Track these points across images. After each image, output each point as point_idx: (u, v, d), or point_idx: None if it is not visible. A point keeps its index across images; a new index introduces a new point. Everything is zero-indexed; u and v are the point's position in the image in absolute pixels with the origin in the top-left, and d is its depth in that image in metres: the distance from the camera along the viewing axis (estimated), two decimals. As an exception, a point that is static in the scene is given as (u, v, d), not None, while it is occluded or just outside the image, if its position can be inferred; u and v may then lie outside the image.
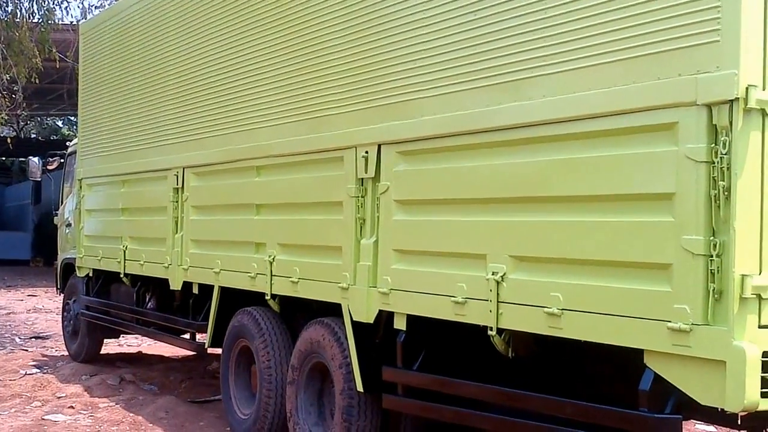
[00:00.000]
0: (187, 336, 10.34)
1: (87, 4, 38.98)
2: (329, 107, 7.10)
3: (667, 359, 4.47)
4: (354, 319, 6.73)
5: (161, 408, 9.84)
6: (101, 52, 11.93)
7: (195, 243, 9.26)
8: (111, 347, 14.06)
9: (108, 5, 21.16)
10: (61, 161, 14.93)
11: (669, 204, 4.45)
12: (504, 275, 5.41)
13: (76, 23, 23.10)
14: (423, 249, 6.18)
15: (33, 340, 15.58)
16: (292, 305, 7.90)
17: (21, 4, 23.00)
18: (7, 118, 27.55)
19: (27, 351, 14.20)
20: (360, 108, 6.76)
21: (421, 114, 6.12)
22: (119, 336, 13.44)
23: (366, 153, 6.64)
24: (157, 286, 10.65)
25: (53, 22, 23.36)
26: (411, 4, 6.24)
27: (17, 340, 15.50)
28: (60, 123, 48.43)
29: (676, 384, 4.47)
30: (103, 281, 12.18)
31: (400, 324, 6.38)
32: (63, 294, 13.88)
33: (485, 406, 5.84)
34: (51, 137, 44.08)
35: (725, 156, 4.22)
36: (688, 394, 4.43)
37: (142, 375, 11.87)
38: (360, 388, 6.71)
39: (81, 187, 12.43)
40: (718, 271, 4.24)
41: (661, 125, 4.51)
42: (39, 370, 12.39)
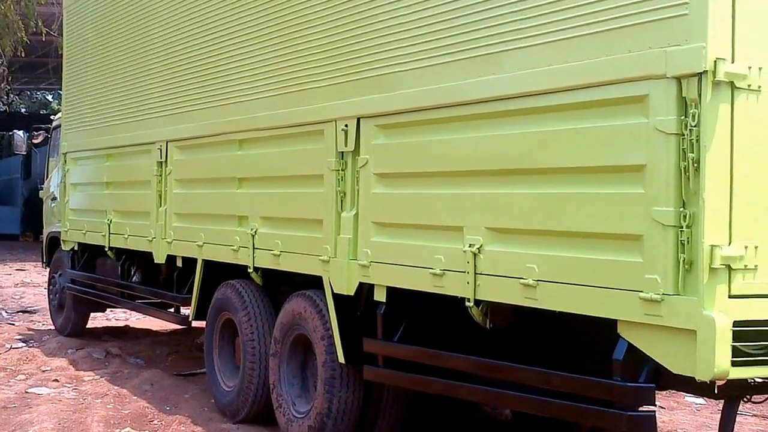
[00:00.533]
0: (172, 309, 10.37)
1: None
2: (310, 81, 7.12)
3: (640, 329, 4.54)
4: (335, 292, 6.78)
5: (146, 381, 9.91)
6: (85, 25, 11.92)
7: (178, 216, 9.30)
8: (98, 321, 14.11)
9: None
10: (47, 135, 14.90)
11: (640, 176, 4.50)
12: (481, 247, 5.47)
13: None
14: (402, 222, 6.23)
15: (20, 314, 15.59)
16: (274, 278, 7.95)
17: (6, -24, 22.91)
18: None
19: (13, 325, 14.23)
20: (339, 82, 6.79)
21: (398, 88, 6.16)
22: (105, 310, 13.49)
23: (345, 126, 6.68)
24: (142, 259, 10.68)
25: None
26: (389, -22, 6.26)
27: (4, 314, 15.52)
28: (50, 97, 48.20)
29: (648, 353, 4.54)
30: (89, 255, 12.21)
31: (380, 296, 6.44)
32: (49, 268, 13.90)
33: (464, 376, 5.91)
34: (40, 111, 43.91)
35: (694, 128, 4.27)
36: (660, 363, 4.50)
37: (128, 349, 11.91)
38: (341, 359, 6.76)
39: (65, 161, 12.45)
40: (688, 242, 4.29)
41: (632, 98, 4.56)
42: (25, 343, 12.42)
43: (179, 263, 9.42)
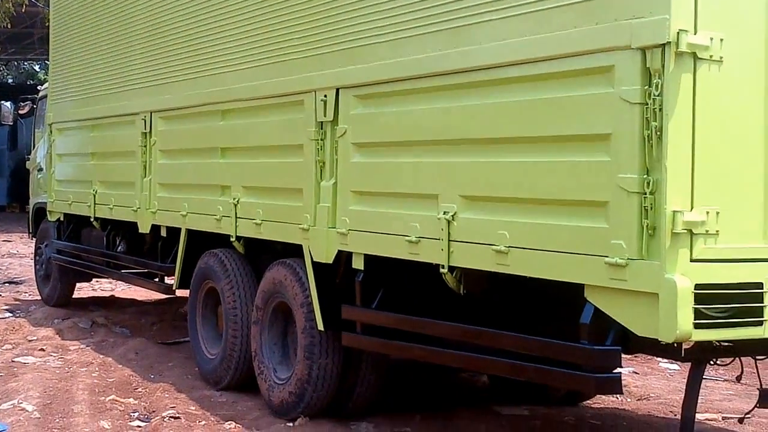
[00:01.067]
0: (157, 279, 10.48)
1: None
2: (290, 52, 7.21)
3: (606, 293, 4.67)
4: (314, 260, 6.89)
5: (131, 349, 10.01)
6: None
7: (163, 186, 9.39)
8: (84, 291, 14.20)
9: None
10: (33, 106, 14.93)
11: (606, 144, 4.62)
12: (455, 215, 5.59)
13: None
14: (379, 190, 6.35)
15: (6, 285, 15.66)
16: (256, 247, 8.06)
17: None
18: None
19: (0, 296, 14.32)
20: (319, 53, 6.88)
21: (375, 59, 6.27)
22: (91, 280, 13.56)
23: (325, 97, 6.78)
24: (127, 229, 10.76)
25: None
26: (365, -49, 6.35)
27: (-10, 285, 15.63)
28: (37, 67, 48.01)
29: (614, 317, 4.67)
30: (74, 225, 12.29)
31: (358, 264, 6.55)
32: (35, 239, 13.99)
33: (438, 341, 6.04)
34: (28, 82, 43.76)
35: (658, 97, 4.38)
36: (625, 326, 4.63)
37: (114, 318, 12.00)
38: (321, 326, 6.88)
39: (51, 132, 12.50)
40: (651, 208, 4.41)
41: (599, 68, 4.68)
42: (11, 314, 12.50)
43: (163, 233, 9.51)
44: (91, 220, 11.16)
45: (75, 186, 11.76)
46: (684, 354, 5.15)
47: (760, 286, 4.55)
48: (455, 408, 7.70)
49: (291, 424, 7.10)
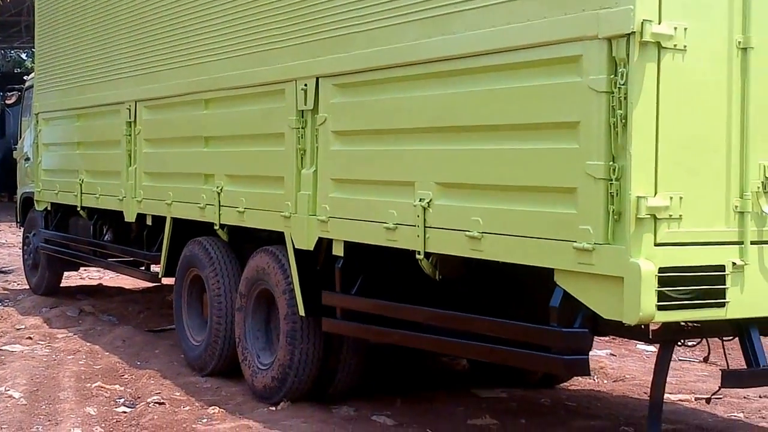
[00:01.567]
0: (143, 267, 10.57)
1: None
2: (272, 41, 7.30)
3: (574, 277, 4.80)
4: (296, 247, 7.00)
5: (118, 337, 10.11)
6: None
7: (148, 175, 9.48)
8: (72, 280, 14.26)
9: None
10: (20, 95, 14.99)
11: (574, 132, 4.74)
12: (430, 201, 5.70)
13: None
14: (358, 178, 6.46)
15: (-5, 274, 15.78)
16: (240, 234, 8.16)
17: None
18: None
19: (-12, 285, 14.42)
20: (299, 42, 6.97)
21: (353, 48, 6.37)
22: (79, 269, 13.65)
23: (305, 86, 6.88)
24: (114, 218, 10.83)
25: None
26: (344, -59, 6.45)
27: (-21, 275, 15.69)
28: (24, 56, 47.88)
29: (581, 300, 4.80)
30: (62, 215, 12.37)
31: (338, 250, 6.66)
32: (23, 228, 14.06)
33: (416, 326, 6.16)
34: (15, 70, 43.67)
35: (623, 86, 4.50)
36: (592, 308, 4.75)
37: (101, 306, 12.09)
38: (302, 312, 6.99)
39: (38, 122, 12.58)
40: (617, 194, 4.54)
41: (568, 58, 4.80)
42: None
43: (149, 221, 9.60)
44: (78, 209, 11.24)
45: (61, 175, 11.84)
46: (652, 336, 5.29)
47: (722, 268, 4.67)
48: (436, 392, 7.82)
49: (273, 408, 7.21)
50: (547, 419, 7.16)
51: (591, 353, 8.98)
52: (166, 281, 10.00)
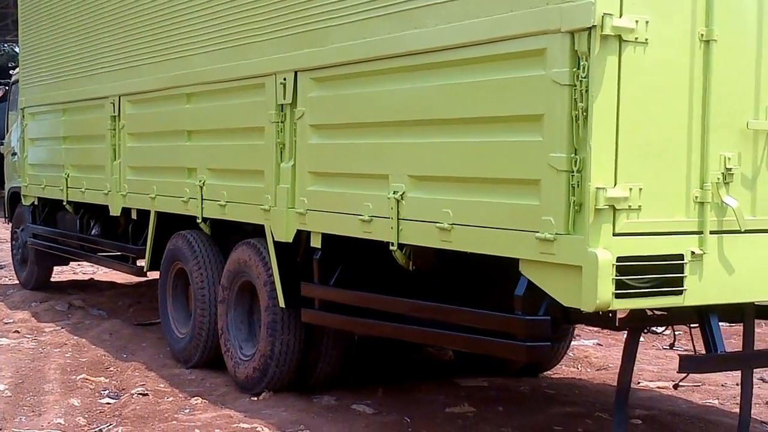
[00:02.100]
0: (130, 261, 10.64)
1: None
2: (252, 35, 7.37)
3: (537, 267, 4.90)
4: (276, 239, 7.10)
5: (106, 331, 10.19)
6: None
7: (132, 170, 9.55)
8: (64, 275, 14.33)
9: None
10: (6, 90, 15.04)
11: (539, 125, 4.82)
12: (403, 194, 5.79)
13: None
14: (335, 171, 6.55)
15: (-15, 269, 15.83)
16: (222, 228, 8.26)
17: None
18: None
19: (-22, 280, 14.48)
20: (278, 36, 7.05)
21: (329, 42, 6.46)
22: (68, 263, 13.69)
23: (284, 80, 6.96)
24: (100, 213, 10.90)
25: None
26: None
27: (-32, 270, 15.74)
28: (17, 49, 47.82)
29: (544, 289, 4.90)
30: (49, 209, 12.44)
31: (316, 242, 6.76)
32: (11, 223, 14.13)
33: (390, 316, 6.26)
34: (9, 64, 43.63)
35: (584, 79, 4.57)
36: (553, 297, 4.85)
37: (91, 301, 12.16)
38: (282, 304, 7.09)
39: (24, 116, 12.64)
40: (578, 185, 4.62)
41: (533, 51, 4.88)
42: (-12, 297, 12.69)
43: (134, 215, 9.68)
44: (64, 203, 11.31)
45: (48, 170, 11.90)
46: (618, 323, 5.39)
47: (680, 257, 4.76)
48: (420, 382, 7.92)
49: (255, 398, 7.31)
50: (524, 406, 7.27)
51: (577, 343, 9.19)
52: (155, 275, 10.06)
